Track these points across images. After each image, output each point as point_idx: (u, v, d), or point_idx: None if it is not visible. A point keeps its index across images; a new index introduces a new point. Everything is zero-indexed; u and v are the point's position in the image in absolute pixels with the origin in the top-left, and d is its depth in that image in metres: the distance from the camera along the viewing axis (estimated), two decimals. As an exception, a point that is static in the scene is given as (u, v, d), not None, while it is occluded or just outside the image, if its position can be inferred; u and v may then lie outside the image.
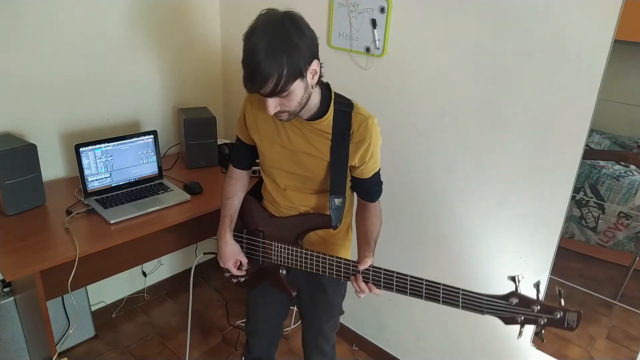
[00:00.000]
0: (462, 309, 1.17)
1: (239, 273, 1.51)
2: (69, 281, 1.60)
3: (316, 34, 1.14)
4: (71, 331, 2.19)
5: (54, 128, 2.03)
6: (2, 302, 1.91)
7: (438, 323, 2.04)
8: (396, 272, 1.24)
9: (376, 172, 1.39)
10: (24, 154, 1.72)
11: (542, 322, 1.10)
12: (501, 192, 1.69)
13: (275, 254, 1.44)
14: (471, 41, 1.62)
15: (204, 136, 2.25)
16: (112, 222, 1.72)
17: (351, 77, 1.96)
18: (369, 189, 1.41)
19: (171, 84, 2.40)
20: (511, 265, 1.72)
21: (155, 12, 2.21)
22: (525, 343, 1.76)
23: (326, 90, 1.29)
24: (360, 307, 1.70)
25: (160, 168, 2.10)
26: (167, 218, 1.82)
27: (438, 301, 1.19)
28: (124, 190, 1.96)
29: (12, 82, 1.85)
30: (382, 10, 1.78)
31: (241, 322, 2.50)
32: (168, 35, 2.30)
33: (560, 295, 1.10)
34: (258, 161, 1.50)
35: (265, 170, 1.46)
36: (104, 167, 1.92)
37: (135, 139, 2.00)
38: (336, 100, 1.28)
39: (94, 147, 1.88)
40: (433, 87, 1.76)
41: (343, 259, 1.31)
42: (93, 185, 1.90)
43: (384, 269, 1.25)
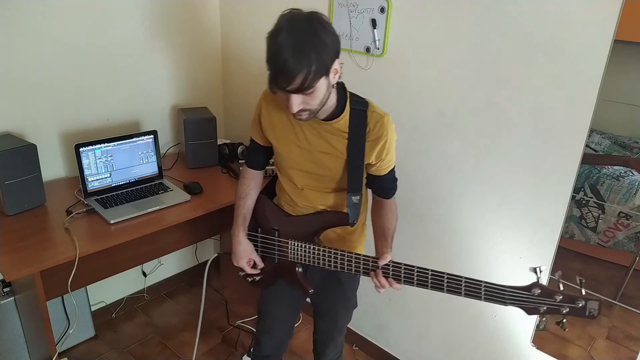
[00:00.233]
0: (485, 301, 1.18)
1: (253, 272, 1.51)
2: (69, 281, 1.60)
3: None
4: (71, 331, 2.19)
5: (54, 128, 2.03)
6: (2, 302, 1.91)
7: (438, 323, 2.04)
8: (417, 267, 1.25)
9: (392, 169, 1.41)
10: (24, 154, 1.72)
11: (565, 311, 1.12)
12: (501, 192, 1.69)
13: (291, 252, 1.45)
14: (471, 41, 1.62)
15: (204, 136, 2.25)
16: (112, 222, 1.72)
17: (351, 77, 1.93)
18: (385, 186, 1.43)
19: (171, 84, 2.40)
20: (511, 265, 1.72)
21: (155, 13, 2.21)
22: (525, 343, 1.76)
23: (341, 90, 1.30)
24: (360, 307, 1.70)
25: (160, 168, 2.10)
26: (167, 218, 1.82)
27: (460, 294, 1.20)
28: (124, 190, 1.96)
29: (12, 82, 1.85)
30: (382, 10, 1.78)
31: (242, 322, 2.50)
32: (168, 35, 2.30)
33: (580, 284, 1.12)
34: (272, 161, 1.51)
35: (282, 170, 1.47)
36: (104, 167, 1.92)
37: (135, 139, 2.00)
38: (351, 99, 1.31)
39: (94, 147, 1.88)
40: (433, 87, 1.76)
41: (362, 255, 1.32)
42: (93, 185, 1.90)
43: (404, 264, 1.26)
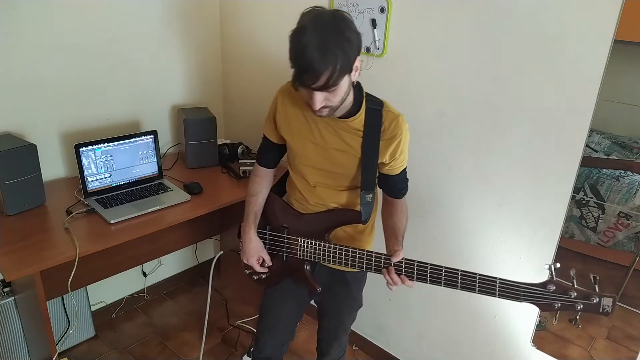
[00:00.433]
0: (499, 297, 1.19)
1: (262, 270, 1.51)
2: (69, 281, 1.60)
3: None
4: (71, 331, 2.19)
5: (54, 128, 2.03)
6: (2, 302, 1.91)
7: (438, 323, 2.04)
8: (430, 264, 1.25)
9: (404, 169, 1.41)
10: (24, 154, 1.72)
11: (579, 308, 1.13)
12: (501, 192, 1.69)
13: (301, 250, 1.45)
14: (471, 41, 1.62)
15: (204, 136, 2.25)
16: (112, 222, 1.72)
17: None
18: (396, 186, 1.43)
19: (171, 84, 2.40)
20: (511, 265, 1.72)
21: (155, 13, 2.21)
22: (525, 343, 1.76)
23: (358, 89, 1.31)
24: (360, 307, 1.70)
25: (160, 168, 2.10)
26: (167, 218, 1.82)
27: (474, 290, 1.21)
28: (124, 190, 1.96)
29: (12, 82, 1.85)
30: (382, 10, 1.78)
31: (242, 322, 2.50)
32: (168, 35, 2.30)
33: (595, 281, 1.13)
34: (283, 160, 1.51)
35: (295, 167, 1.47)
36: (104, 167, 1.92)
37: (135, 139, 2.00)
38: (367, 98, 1.32)
39: (94, 147, 1.88)
40: (433, 87, 1.76)
41: (374, 252, 1.33)
42: (93, 185, 1.90)
43: (418, 261, 1.26)
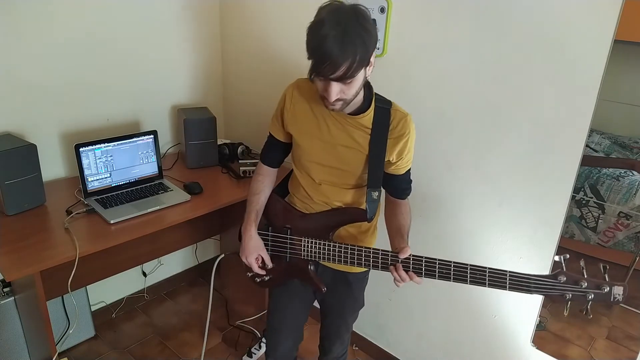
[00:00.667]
0: (510, 290, 1.19)
1: (260, 271, 1.50)
2: (69, 281, 1.59)
3: None
4: (71, 331, 2.19)
5: (54, 128, 2.03)
6: (2, 302, 1.91)
7: (438, 323, 2.04)
8: (438, 260, 1.25)
9: (408, 170, 1.42)
10: (24, 154, 1.72)
11: (590, 297, 1.13)
12: (501, 192, 1.69)
13: (305, 250, 1.44)
14: (471, 41, 1.62)
15: (204, 136, 2.25)
16: (112, 222, 1.72)
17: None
18: (401, 186, 1.44)
19: (171, 84, 2.40)
20: (511, 265, 1.72)
21: (155, 13, 2.21)
22: (525, 343, 1.76)
23: (367, 88, 1.32)
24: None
25: (160, 168, 2.10)
26: (167, 218, 1.82)
27: (484, 284, 1.21)
28: (124, 190, 1.96)
29: (12, 82, 1.85)
30: (382, 10, 1.78)
31: (242, 322, 2.50)
32: (168, 35, 2.30)
33: (604, 271, 1.13)
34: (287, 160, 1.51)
35: (301, 164, 1.46)
36: (104, 167, 1.92)
37: (135, 139, 2.00)
38: (376, 97, 1.33)
39: (94, 147, 1.88)
40: (433, 87, 1.76)
41: (381, 250, 1.32)
42: (93, 185, 1.90)
43: (425, 257, 1.26)
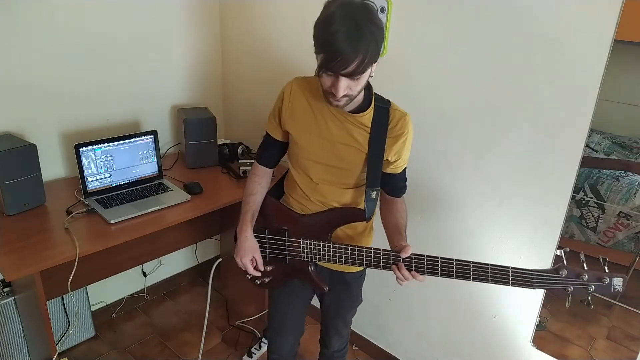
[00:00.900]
0: (512, 286, 1.21)
1: (255, 273, 1.49)
2: (69, 281, 1.60)
3: None
4: (71, 331, 2.19)
5: (54, 128, 2.03)
6: (2, 302, 1.91)
7: (438, 323, 2.04)
8: (440, 257, 1.26)
9: (405, 168, 1.43)
10: (24, 154, 1.72)
11: (591, 290, 1.15)
12: (501, 192, 1.69)
13: (304, 251, 1.43)
14: (471, 41, 1.62)
15: (204, 136, 2.25)
16: (112, 222, 1.72)
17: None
18: (397, 185, 1.44)
19: (171, 84, 2.40)
20: (511, 264, 1.71)
21: (155, 13, 2.21)
22: (525, 343, 1.76)
23: (367, 88, 1.33)
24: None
25: (160, 168, 2.10)
26: (167, 218, 1.82)
27: (487, 280, 1.23)
28: (124, 190, 1.96)
29: (13, 82, 1.85)
30: (382, 10, 1.78)
31: (242, 322, 2.50)
32: (168, 35, 2.30)
33: (604, 263, 1.15)
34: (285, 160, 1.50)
35: (298, 163, 1.45)
36: (104, 167, 1.92)
37: (135, 139, 2.00)
38: (376, 97, 1.34)
39: (94, 147, 1.88)
40: (433, 87, 1.76)
41: (382, 249, 1.32)
42: (93, 185, 1.90)
43: (427, 255, 1.27)
